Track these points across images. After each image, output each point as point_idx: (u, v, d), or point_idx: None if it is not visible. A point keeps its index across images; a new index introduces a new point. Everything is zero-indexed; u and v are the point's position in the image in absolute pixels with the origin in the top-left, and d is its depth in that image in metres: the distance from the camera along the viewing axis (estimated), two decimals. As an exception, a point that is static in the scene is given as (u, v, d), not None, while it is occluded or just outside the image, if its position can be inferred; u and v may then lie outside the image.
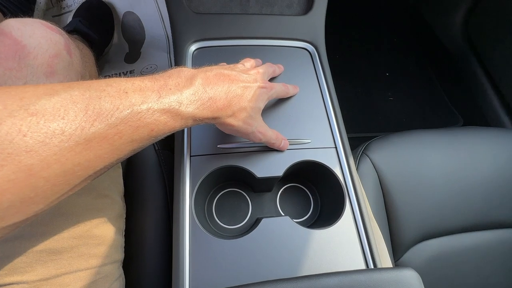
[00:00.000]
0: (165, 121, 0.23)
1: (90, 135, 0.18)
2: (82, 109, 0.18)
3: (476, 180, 0.47)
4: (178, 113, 0.23)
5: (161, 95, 0.22)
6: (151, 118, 0.22)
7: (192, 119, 0.25)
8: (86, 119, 0.18)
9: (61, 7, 0.83)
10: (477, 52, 0.85)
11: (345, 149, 0.37)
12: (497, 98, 0.79)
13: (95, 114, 0.19)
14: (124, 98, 0.20)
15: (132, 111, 0.20)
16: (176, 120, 0.23)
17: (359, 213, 0.33)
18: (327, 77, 0.42)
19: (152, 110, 0.22)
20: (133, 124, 0.21)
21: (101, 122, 0.19)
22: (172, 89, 0.24)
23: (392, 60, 1.04)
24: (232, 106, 0.27)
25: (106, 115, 0.19)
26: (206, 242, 0.30)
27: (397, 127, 0.91)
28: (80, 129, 0.18)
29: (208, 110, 0.26)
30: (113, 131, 0.19)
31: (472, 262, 0.46)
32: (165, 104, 0.22)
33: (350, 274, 0.21)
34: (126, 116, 0.20)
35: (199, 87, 0.25)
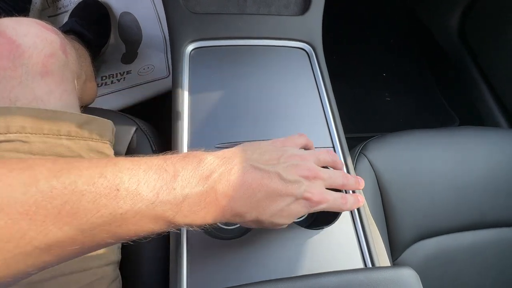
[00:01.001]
0: (150, 229, 0.19)
1: (54, 240, 0.16)
2: (57, 207, 0.16)
3: (472, 180, 0.47)
4: (171, 222, 0.19)
5: (158, 197, 0.18)
6: (135, 225, 0.18)
7: (186, 225, 0.20)
8: (56, 221, 0.16)
9: (57, 7, 0.82)
10: (473, 53, 0.86)
11: (342, 149, 0.37)
12: (492, 98, 0.80)
13: (70, 215, 0.16)
14: (112, 198, 0.17)
15: (115, 216, 0.17)
16: (162, 226, 0.20)
17: (357, 212, 0.33)
18: (324, 77, 0.42)
19: (139, 216, 0.18)
20: (110, 230, 0.17)
21: (72, 227, 0.16)
22: (176, 189, 0.19)
23: (389, 61, 1.04)
24: (249, 215, 0.22)
25: (81, 219, 0.16)
26: (203, 242, 0.30)
27: (394, 127, 0.92)
28: (44, 233, 0.15)
29: (212, 217, 0.21)
30: (84, 236, 0.17)
31: (469, 260, 0.47)
32: (157, 211, 0.18)
33: (348, 273, 0.21)
34: (104, 221, 0.17)
35: (213, 197, 0.20)
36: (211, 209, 0.20)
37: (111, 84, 0.78)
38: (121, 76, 0.79)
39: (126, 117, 0.43)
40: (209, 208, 0.20)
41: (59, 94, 0.31)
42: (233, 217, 0.22)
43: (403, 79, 1.01)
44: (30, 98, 0.29)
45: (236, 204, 0.21)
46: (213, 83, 0.40)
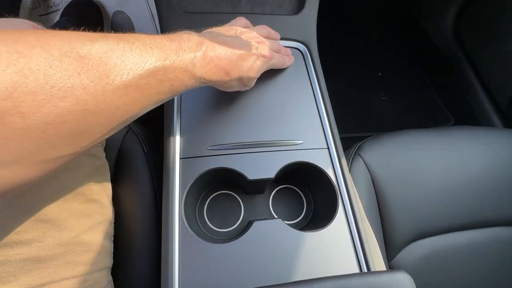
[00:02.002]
0: (182, 78, 0.25)
1: (127, 82, 0.21)
2: (119, 57, 0.20)
3: (467, 179, 0.48)
4: (192, 73, 0.26)
5: (179, 55, 0.25)
6: (172, 74, 0.24)
7: (201, 80, 0.27)
8: (123, 67, 0.20)
9: (48, 6, 0.81)
10: (467, 53, 0.86)
11: (337, 150, 0.36)
12: (487, 98, 0.81)
13: (130, 64, 0.21)
14: (150, 53, 0.23)
15: (158, 66, 0.23)
16: (190, 78, 0.26)
17: (352, 214, 0.33)
18: (319, 77, 0.42)
19: (173, 67, 0.24)
20: (159, 77, 0.23)
21: (135, 72, 0.21)
22: (186, 51, 0.26)
23: (384, 60, 1.05)
24: (232, 73, 0.30)
25: (138, 67, 0.21)
26: (196, 246, 0.30)
27: (389, 127, 0.92)
28: (120, 76, 0.20)
29: (215, 74, 0.28)
30: (144, 81, 0.22)
31: (464, 260, 0.47)
32: (183, 63, 0.25)
33: (343, 279, 0.21)
34: (153, 69, 0.22)
35: (208, 53, 0.27)
36: (211, 65, 0.28)
37: (104, 84, 0.77)
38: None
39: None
40: (210, 65, 0.28)
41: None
42: (224, 75, 0.29)
43: (398, 78, 1.02)
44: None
45: (224, 62, 0.29)
46: None
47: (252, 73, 0.32)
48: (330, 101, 0.40)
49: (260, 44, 0.34)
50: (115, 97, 0.20)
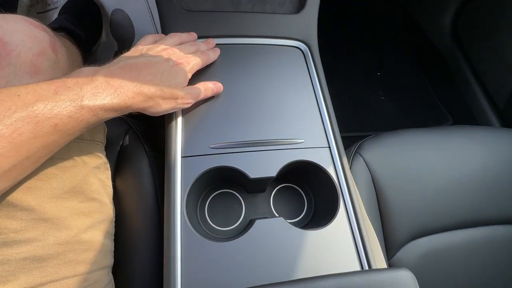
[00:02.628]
0: (68, 115, 0.23)
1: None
2: None
3: (465, 178, 0.48)
4: (82, 106, 0.23)
5: (57, 93, 0.23)
6: (51, 113, 0.22)
7: (101, 109, 0.25)
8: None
9: (46, 4, 0.80)
10: (465, 52, 0.87)
11: (338, 148, 0.37)
12: (484, 98, 0.81)
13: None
14: (16, 100, 0.21)
15: (27, 109, 0.21)
16: (82, 113, 0.23)
17: (353, 213, 0.33)
18: (320, 76, 0.42)
19: (50, 106, 0.22)
20: (30, 120, 0.21)
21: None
22: (70, 87, 0.23)
23: (383, 60, 1.05)
24: (144, 93, 0.27)
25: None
26: (198, 245, 0.30)
27: (388, 126, 0.92)
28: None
29: (118, 99, 0.25)
30: (9, 129, 0.20)
31: (462, 258, 0.47)
32: (63, 99, 0.22)
33: (346, 276, 0.21)
34: (20, 114, 0.20)
35: (102, 82, 0.25)
36: (110, 91, 0.25)
37: (103, 82, 0.76)
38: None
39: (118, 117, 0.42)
40: (108, 90, 0.25)
41: (48, 94, 0.30)
42: (132, 97, 0.26)
43: (397, 78, 1.02)
44: (17, 98, 0.28)
45: (127, 83, 0.26)
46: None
47: (170, 82, 0.29)
48: (331, 100, 0.40)
49: (171, 53, 0.32)
50: None
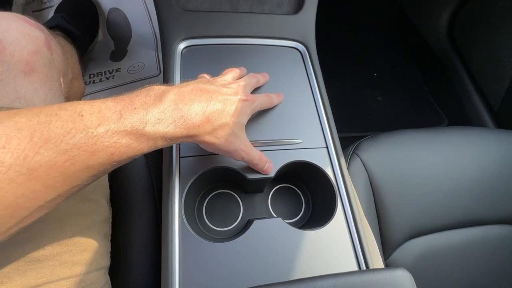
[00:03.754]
0: (127, 144, 0.21)
1: (35, 163, 0.17)
2: (27, 136, 0.17)
3: (461, 178, 0.48)
4: (143, 134, 0.21)
5: (122, 115, 0.21)
6: (110, 141, 0.20)
7: (162, 138, 0.23)
8: (30, 146, 0.17)
9: (41, 2, 0.79)
10: (461, 54, 0.88)
11: (336, 149, 0.37)
12: (479, 99, 0.82)
13: (42, 140, 0.17)
14: (78, 121, 0.19)
15: (86, 135, 0.19)
16: (141, 141, 0.21)
17: (350, 213, 0.33)
18: (317, 77, 0.42)
19: (110, 132, 0.20)
20: (87, 149, 0.19)
21: (48, 149, 0.17)
22: (137, 108, 0.22)
23: (380, 61, 1.06)
24: (211, 122, 0.25)
25: (55, 141, 0.18)
26: (196, 245, 0.30)
27: (385, 127, 0.93)
28: (22, 158, 0.16)
29: (182, 128, 0.23)
30: (64, 158, 0.18)
31: (458, 258, 0.48)
32: (126, 125, 0.20)
33: (343, 276, 0.21)
34: (78, 140, 0.18)
35: (170, 104, 0.23)
36: (177, 116, 0.23)
37: (99, 82, 0.76)
38: (110, 74, 0.77)
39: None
40: (175, 115, 0.23)
41: (43, 93, 0.30)
42: (194, 127, 0.24)
43: (393, 79, 1.03)
44: (12, 98, 0.27)
45: (192, 111, 0.24)
46: None
47: (235, 118, 0.27)
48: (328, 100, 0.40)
49: (238, 87, 0.30)
50: (14, 186, 0.16)
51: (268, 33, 0.44)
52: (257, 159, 0.31)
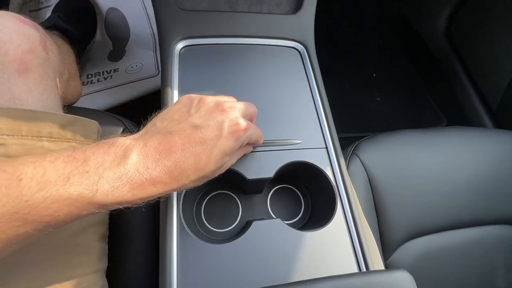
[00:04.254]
0: (68, 212, 0.18)
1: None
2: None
3: (460, 179, 0.48)
4: (91, 202, 0.19)
5: (69, 180, 0.18)
6: (47, 211, 0.18)
7: (115, 204, 0.20)
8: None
9: (39, 1, 0.79)
10: (459, 54, 0.88)
11: (336, 149, 0.36)
12: (478, 99, 0.82)
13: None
14: (13, 188, 0.17)
15: (19, 204, 0.17)
16: (88, 208, 0.19)
17: (350, 214, 0.33)
18: (317, 77, 0.41)
19: (50, 200, 0.18)
20: (19, 217, 0.17)
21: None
22: (89, 172, 0.19)
23: (379, 61, 1.06)
24: (184, 177, 0.22)
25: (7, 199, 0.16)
26: (194, 247, 0.29)
27: (384, 127, 0.93)
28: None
29: (144, 193, 0.20)
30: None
31: (458, 258, 0.48)
32: (71, 192, 0.18)
33: (343, 278, 0.20)
34: (8, 210, 0.17)
35: (131, 168, 0.20)
36: (136, 183, 0.20)
37: (97, 82, 0.75)
38: (107, 74, 0.77)
39: (113, 117, 0.41)
40: (133, 182, 0.20)
41: (39, 93, 0.29)
42: (163, 186, 0.21)
43: (392, 79, 1.03)
44: (7, 98, 0.27)
45: (157, 174, 0.21)
46: (203, 82, 0.39)
47: (217, 164, 0.23)
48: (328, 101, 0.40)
49: (228, 112, 0.24)
50: None
51: (266, 33, 0.43)
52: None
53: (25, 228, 0.18)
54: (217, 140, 0.23)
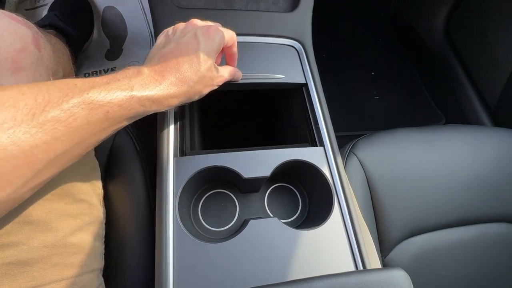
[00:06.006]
0: (119, 103, 0.23)
1: (43, 119, 0.20)
2: (32, 98, 0.20)
3: (458, 177, 0.48)
4: (131, 96, 0.24)
5: (110, 83, 0.24)
6: (104, 100, 0.23)
7: (149, 100, 0.25)
8: (36, 106, 0.20)
9: (35, 0, 0.78)
10: (457, 52, 0.88)
11: (333, 148, 0.36)
12: (476, 97, 0.82)
13: (45, 101, 0.20)
14: (73, 88, 0.22)
15: (83, 96, 0.22)
16: (131, 102, 0.24)
17: (347, 212, 0.33)
18: (314, 75, 0.41)
19: (103, 94, 0.23)
20: (85, 106, 0.22)
21: (52, 107, 0.20)
22: (120, 79, 0.25)
23: (377, 59, 1.06)
24: (187, 80, 0.28)
25: (57, 101, 0.20)
26: (191, 246, 0.29)
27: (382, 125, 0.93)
28: (31, 115, 0.19)
29: (164, 91, 0.26)
30: (66, 114, 0.21)
31: (455, 256, 0.48)
32: (115, 88, 0.23)
33: (340, 277, 0.20)
34: (77, 100, 0.21)
35: (147, 76, 0.26)
36: (155, 84, 0.26)
37: (94, 81, 0.75)
38: (105, 73, 0.76)
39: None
40: (154, 83, 0.26)
41: (32, 92, 0.29)
42: (178, 85, 0.27)
43: (390, 77, 1.03)
44: None
45: (167, 75, 0.27)
46: None
47: (206, 68, 0.29)
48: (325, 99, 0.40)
49: (195, 27, 0.30)
50: (27, 137, 0.19)
51: (264, 31, 0.43)
52: (232, 72, 0.34)
53: (92, 115, 0.22)
54: (197, 44, 0.29)
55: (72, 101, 0.21)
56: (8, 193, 0.19)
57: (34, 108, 0.19)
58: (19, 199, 0.21)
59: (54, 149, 0.21)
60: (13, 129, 0.18)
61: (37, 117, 0.19)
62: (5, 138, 0.18)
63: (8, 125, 0.18)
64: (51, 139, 0.20)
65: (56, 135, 0.20)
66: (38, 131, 0.19)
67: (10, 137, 0.18)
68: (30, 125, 0.19)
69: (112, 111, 0.23)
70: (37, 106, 0.20)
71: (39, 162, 0.20)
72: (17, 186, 0.20)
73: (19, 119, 0.19)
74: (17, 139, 0.18)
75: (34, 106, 0.19)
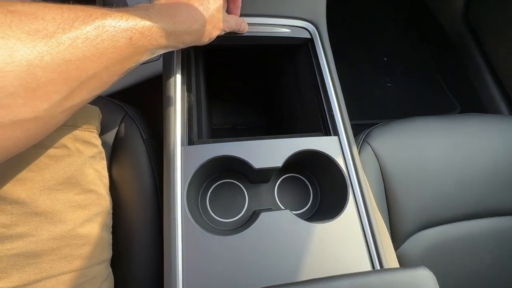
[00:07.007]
0: (141, 30, 0.23)
1: (72, 34, 0.19)
2: (58, 13, 0.19)
3: (473, 168, 0.46)
4: (151, 25, 0.24)
5: (129, 11, 0.24)
6: (126, 25, 0.22)
7: (165, 33, 0.26)
8: (64, 21, 0.19)
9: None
10: (477, 37, 0.83)
11: (348, 138, 0.34)
12: (495, 85, 0.78)
13: (72, 18, 0.20)
14: (95, 11, 0.21)
15: (106, 18, 0.21)
16: (151, 31, 0.24)
17: (363, 205, 0.31)
18: (329, 62, 0.39)
19: (125, 18, 0.22)
20: (110, 28, 0.21)
21: (80, 24, 0.20)
22: (137, 9, 0.25)
23: (390, 44, 1.01)
24: (197, 17, 0.28)
25: (83, 19, 0.20)
26: (200, 238, 0.28)
27: (395, 114, 0.90)
28: (61, 28, 0.19)
29: (177, 26, 0.26)
30: (94, 33, 0.20)
31: (468, 249, 0.47)
32: (134, 15, 0.23)
33: (361, 276, 0.19)
34: (101, 22, 0.21)
35: (159, 9, 0.26)
36: (168, 18, 0.26)
37: (97, 67, 0.73)
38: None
39: (114, 102, 0.40)
40: (166, 17, 0.26)
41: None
42: (191, 24, 0.28)
43: (404, 64, 0.98)
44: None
45: (180, 10, 0.27)
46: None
47: (216, 8, 0.30)
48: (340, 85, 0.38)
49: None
50: (61, 49, 0.19)
51: (276, 12, 0.40)
52: (239, 22, 0.35)
53: (117, 39, 0.22)
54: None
55: (97, 22, 0.21)
56: (45, 108, 0.19)
57: (63, 23, 0.19)
58: (53, 120, 0.21)
59: (86, 68, 0.20)
60: (47, 38, 0.18)
61: (67, 31, 0.19)
62: (41, 47, 0.18)
63: (42, 34, 0.18)
64: (83, 57, 0.20)
65: (86, 54, 0.20)
66: (70, 45, 0.19)
67: (46, 46, 0.18)
68: (63, 37, 0.19)
69: (135, 37, 0.23)
70: (65, 21, 0.19)
71: (73, 80, 0.20)
72: (54, 102, 0.19)
73: (51, 31, 0.19)
74: (52, 49, 0.18)
75: (62, 21, 0.19)
